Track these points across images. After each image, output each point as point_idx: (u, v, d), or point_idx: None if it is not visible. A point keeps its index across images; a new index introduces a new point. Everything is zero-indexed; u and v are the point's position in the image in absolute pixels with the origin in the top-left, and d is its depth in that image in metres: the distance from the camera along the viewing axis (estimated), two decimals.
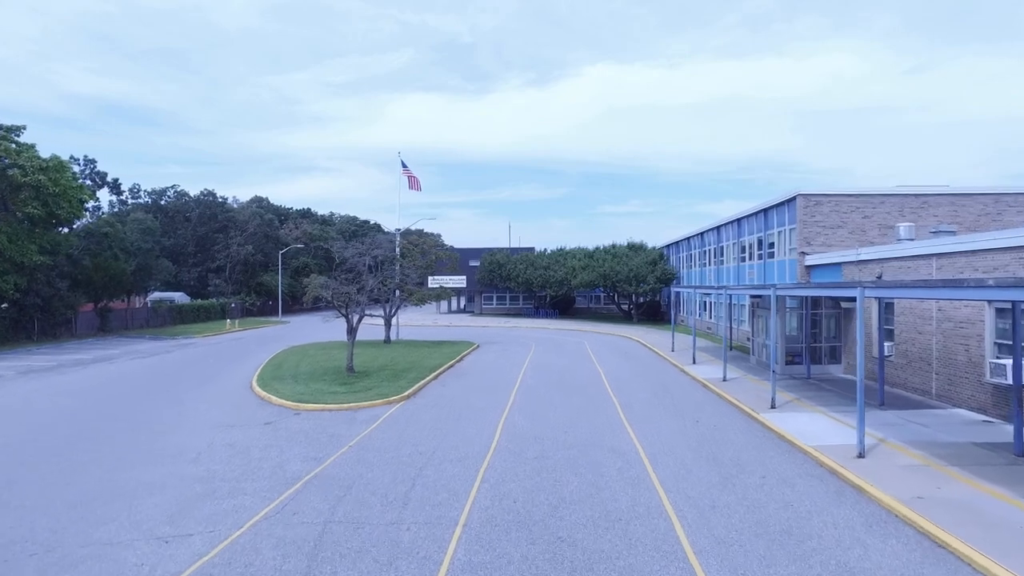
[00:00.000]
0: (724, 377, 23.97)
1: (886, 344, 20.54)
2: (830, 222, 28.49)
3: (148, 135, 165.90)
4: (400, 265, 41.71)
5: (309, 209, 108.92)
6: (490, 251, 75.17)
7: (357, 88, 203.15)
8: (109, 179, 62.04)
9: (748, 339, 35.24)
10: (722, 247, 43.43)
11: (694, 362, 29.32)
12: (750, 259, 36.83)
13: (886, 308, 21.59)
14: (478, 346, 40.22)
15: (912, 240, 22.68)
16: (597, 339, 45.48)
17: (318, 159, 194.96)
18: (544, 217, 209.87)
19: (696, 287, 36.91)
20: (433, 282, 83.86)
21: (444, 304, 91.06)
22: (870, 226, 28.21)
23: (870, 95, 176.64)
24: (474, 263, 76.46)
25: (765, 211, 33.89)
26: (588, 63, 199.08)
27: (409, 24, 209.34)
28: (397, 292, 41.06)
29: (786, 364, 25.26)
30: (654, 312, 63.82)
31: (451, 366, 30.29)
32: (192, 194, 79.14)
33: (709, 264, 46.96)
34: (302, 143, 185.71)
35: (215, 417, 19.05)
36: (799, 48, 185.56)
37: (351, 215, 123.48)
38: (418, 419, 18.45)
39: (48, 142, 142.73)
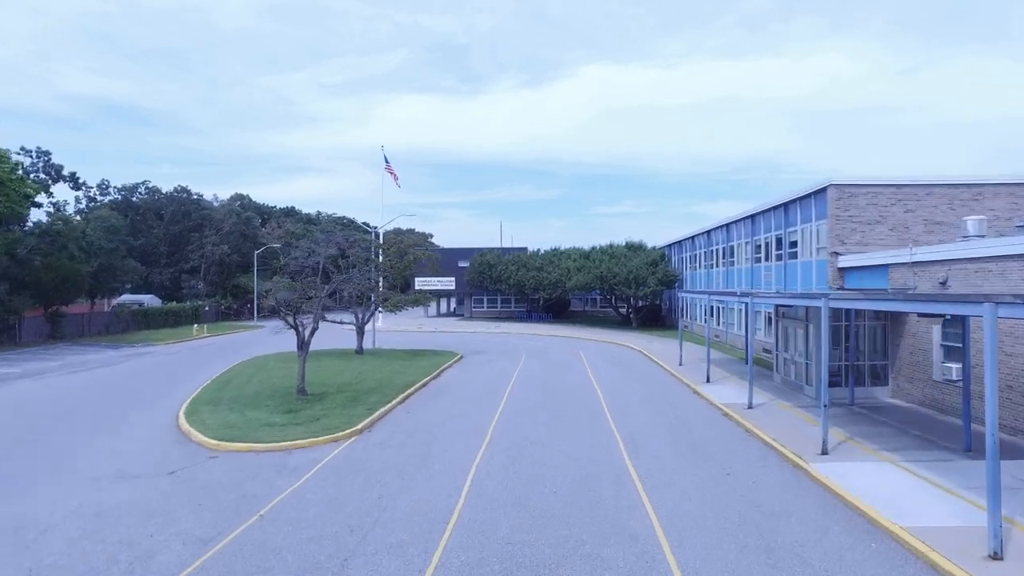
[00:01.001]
0: (750, 404, 19.84)
1: (953, 366, 16.44)
2: (867, 217, 24.40)
3: (143, 135, 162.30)
4: (375, 267, 37.62)
5: (293, 208, 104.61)
6: (480, 251, 71.01)
7: (353, 88, 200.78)
8: (66, 173, 57.48)
9: (766, 351, 31.17)
10: (732, 247, 39.36)
11: (708, 380, 25.23)
12: (766, 260, 32.77)
13: (951, 321, 17.52)
14: (461, 357, 36.05)
15: (983, 236, 18.59)
16: (594, 348, 41.35)
17: (314, 160, 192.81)
18: (539, 218, 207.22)
19: (711, 292, 32.19)
20: (420, 284, 79.88)
21: (432, 307, 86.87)
22: (914, 221, 24.14)
23: (867, 95, 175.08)
24: (464, 264, 72.34)
25: (786, 205, 29.82)
26: (584, 63, 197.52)
27: (404, 25, 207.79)
28: (372, 297, 36.92)
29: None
30: (654, 316, 59.75)
31: (425, 384, 26.12)
32: (165, 191, 74.68)
33: (717, 265, 42.89)
34: (298, 144, 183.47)
35: (110, 462, 14.83)
36: (796, 48, 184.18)
37: (339, 214, 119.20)
38: (363, 468, 14.25)
39: (40, 142, 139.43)
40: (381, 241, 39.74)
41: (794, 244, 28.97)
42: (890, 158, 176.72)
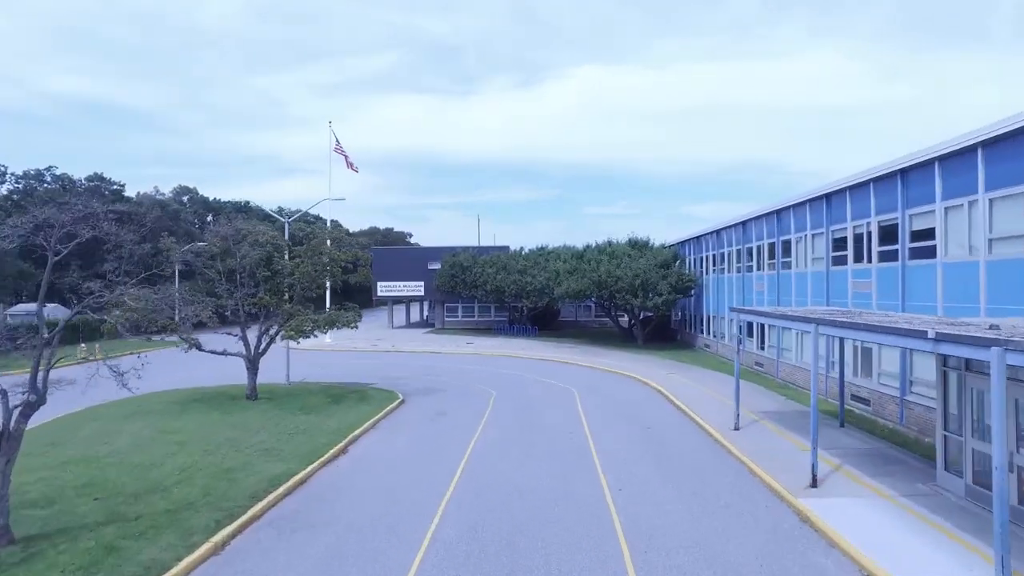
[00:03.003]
0: None
1: None
2: None
3: (129, 136, 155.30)
4: (280, 271, 26.26)
5: (248, 203, 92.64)
6: (452, 251, 59.68)
7: (346, 89, 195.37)
8: None
9: (857, 399, 20.07)
10: (783, 242, 28.35)
11: (815, 483, 13.82)
12: (856, 261, 21.67)
13: None
14: (400, 402, 24.78)
15: None
16: (593, 384, 30.11)
17: (303, 161, 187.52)
18: (529, 219, 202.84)
19: (801, 318, 17.43)
20: (384, 290, 68.38)
21: (402, 314, 75.37)
22: None
23: (853, 96, 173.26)
24: (435, 266, 61.00)
25: (904, 172, 18.70)
26: (575, 65, 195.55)
27: (395, 26, 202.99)
28: (273, 318, 25.56)
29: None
30: (663, 331, 48.59)
31: (302, 481, 14.74)
32: (78, 180, 62.66)
33: (757, 268, 31.81)
34: (287, 145, 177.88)
35: None
36: (784, 51, 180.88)
37: (302, 211, 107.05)
38: None
39: (31, 142, 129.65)
40: (286, 237, 28.23)
41: (927, 236, 17.84)
42: (878, 159, 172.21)
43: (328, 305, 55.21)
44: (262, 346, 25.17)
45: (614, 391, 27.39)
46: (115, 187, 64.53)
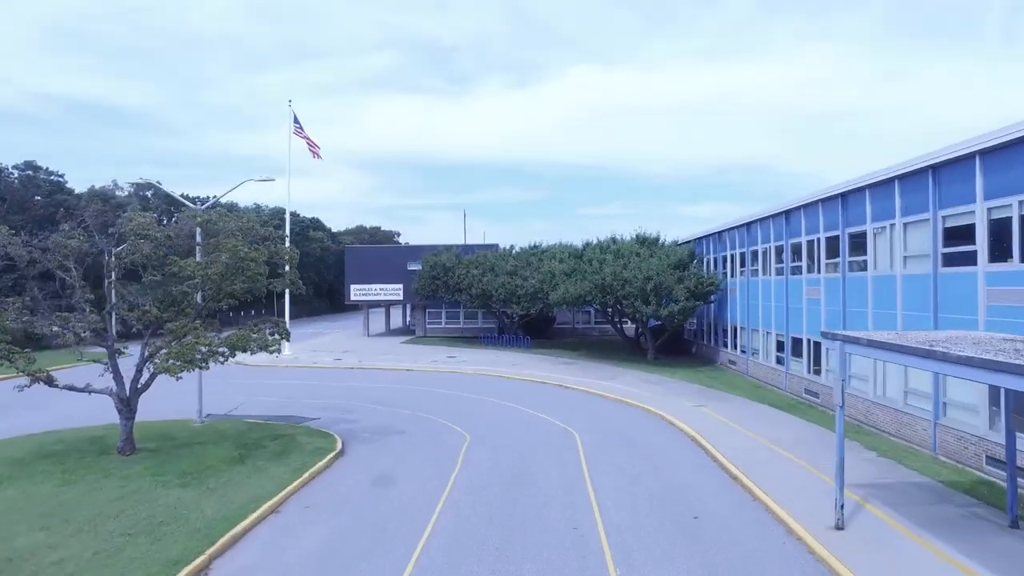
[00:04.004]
0: None
1: None
2: None
3: (122, 136, 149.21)
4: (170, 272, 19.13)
5: (215, 198, 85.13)
6: (434, 249, 52.65)
7: (341, 89, 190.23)
8: None
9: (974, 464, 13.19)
10: (851, 236, 21.46)
11: None
12: (998, 259, 14.77)
13: None
14: (338, 454, 17.77)
15: None
16: (601, 423, 23.15)
17: (297, 161, 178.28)
18: (523, 220, 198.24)
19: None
20: (358, 293, 61.19)
21: (381, 319, 68.27)
22: None
23: (847, 98, 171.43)
24: (415, 267, 53.91)
25: None
26: (569, 65, 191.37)
27: (389, 26, 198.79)
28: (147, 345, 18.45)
29: None
30: (676, 342, 41.67)
31: None
32: (5, 168, 55.06)
33: (809, 269, 24.92)
34: (282, 145, 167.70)
35: None
36: (777, 52, 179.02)
37: (280, 207, 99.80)
38: None
39: (22, 142, 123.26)
40: (171, 228, 20.82)
41: None
42: (870, 161, 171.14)
43: (287, 315, 48.16)
44: (142, 379, 18.07)
45: (631, 437, 20.38)
46: (55, 178, 57.11)
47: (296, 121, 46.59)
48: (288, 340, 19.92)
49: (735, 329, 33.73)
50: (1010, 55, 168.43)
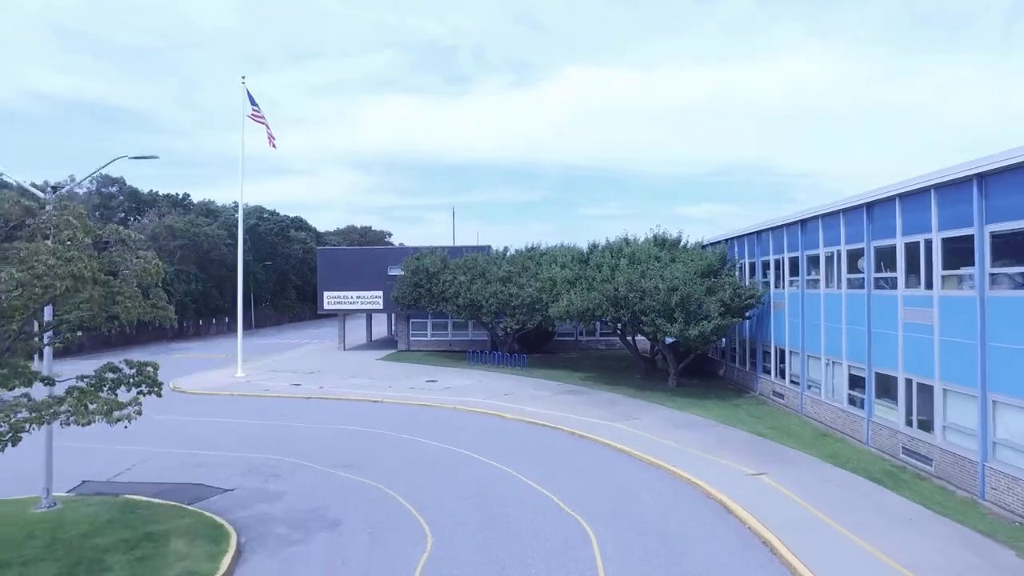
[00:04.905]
0: None
1: None
2: None
3: (121, 135, 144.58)
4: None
5: (185, 196, 78.25)
6: (416, 252, 45.92)
7: (340, 89, 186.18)
8: None
9: None
10: (996, 236, 14.72)
11: None
12: None
13: None
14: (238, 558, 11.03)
15: None
16: (625, 507, 16.41)
17: (295, 161, 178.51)
18: (521, 220, 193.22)
19: None
20: (332, 301, 54.32)
21: (361, 329, 61.49)
22: None
23: (844, 98, 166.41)
24: (396, 272, 47.15)
25: None
26: (567, 65, 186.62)
27: (389, 26, 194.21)
28: None
29: None
30: (700, 363, 34.92)
31: None
32: None
33: (907, 284, 18.16)
34: (280, 145, 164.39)
35: None
36: (776, 53, 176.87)
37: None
38: None
39: (14, 141, 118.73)
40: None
41: None
42: (869, 160, 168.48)
43: (240, 327, 41.06)
44: None
45: (673, 541, 13.58)
46: None
47: (253, 103, 39.77)
48: (159, 393, 13.07)
49: (782, 353, 27.01)
50: (1010, 54, 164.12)
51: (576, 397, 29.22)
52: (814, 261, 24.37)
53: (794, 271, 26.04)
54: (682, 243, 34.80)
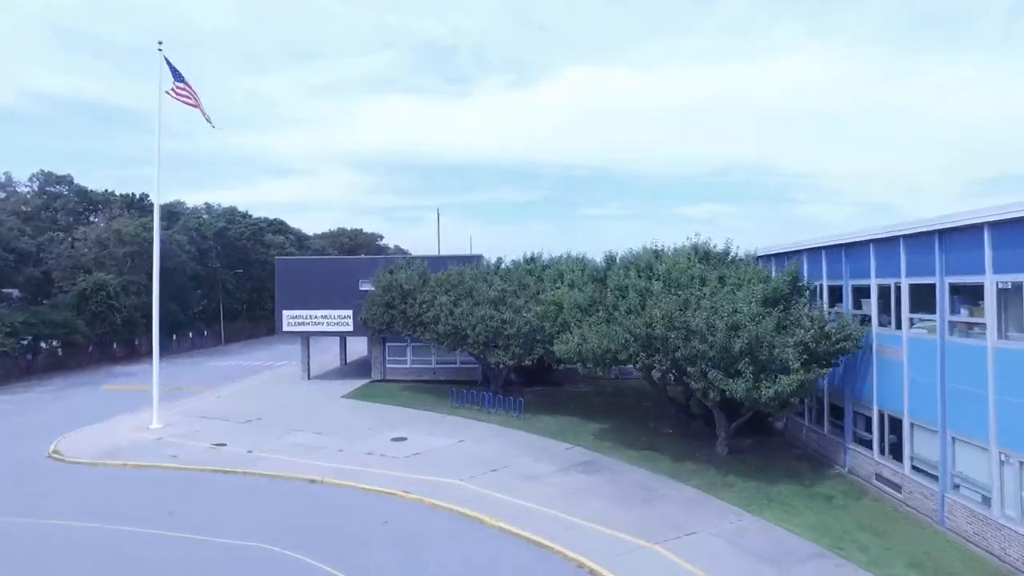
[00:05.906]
0: None
1: None
2: None
3: (121, 135, 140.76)
4: None
5: (142, 197, 69.58)
6: (389, 263, 37.53)
7: (340, 89, 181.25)
8: None
9: None
10: None
11: None
12: None
13: None
14: None
15: None
16: None
17: (295, 161, 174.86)
18: (520, 221, 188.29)
19: None
20: (291, 321, 45.82)
21: (332, 351, 52.96)
22: None
23: (845, 99, 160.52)
24: (367, 287, 38.73)
25: None
26: (567, 65, 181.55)
27: (389, 26, 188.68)
28: None
29: None
30: (759, 425, 26.28)
31: None
32: None
33: None
34: (280, 145, 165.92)
35: None
36: (776, 53, 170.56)
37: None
38: None
39: (14, 141, 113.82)
40: None
41: None
42: (868, 161, 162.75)
43: (155, 351, 32.23)
44: None
45: None
46: None
47: (177, 77, 31.22)
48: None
49: (894, 422, 18.54)
50: (1011, 54, 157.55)
51: (591, 479, 20.68)
52: (954, 291, 15.89)
53: (922, 304, 17.53)
54: (731, 255, 26.31)
